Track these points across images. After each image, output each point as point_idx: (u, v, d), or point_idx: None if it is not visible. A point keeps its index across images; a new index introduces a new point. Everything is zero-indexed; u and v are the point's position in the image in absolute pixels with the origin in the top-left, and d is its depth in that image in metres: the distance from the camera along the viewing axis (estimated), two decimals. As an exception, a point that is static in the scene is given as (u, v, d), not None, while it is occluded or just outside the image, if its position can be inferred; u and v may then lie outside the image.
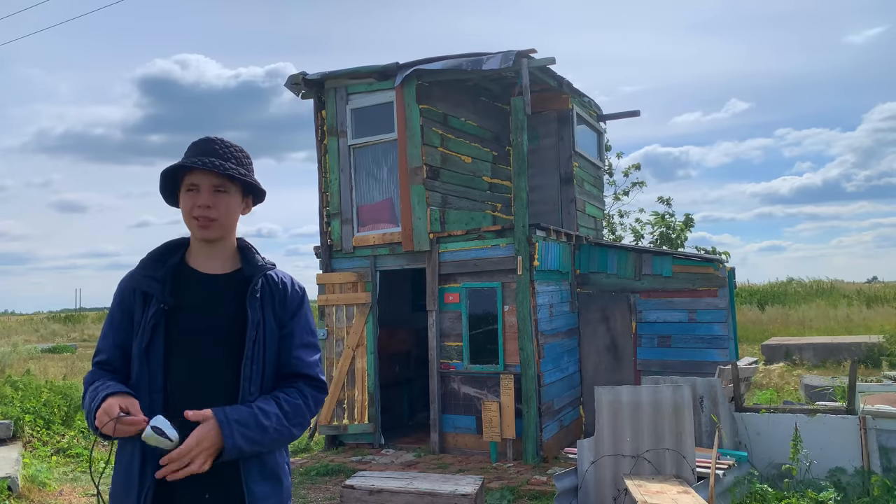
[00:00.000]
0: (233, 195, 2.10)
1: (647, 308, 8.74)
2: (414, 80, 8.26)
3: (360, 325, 8.52)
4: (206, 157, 2.05)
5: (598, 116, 11.21)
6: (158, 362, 2.01)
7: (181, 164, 2.04)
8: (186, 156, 2.09)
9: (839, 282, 30.47)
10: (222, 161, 2.06)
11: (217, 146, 2.09)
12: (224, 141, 2.13)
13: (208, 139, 2.11)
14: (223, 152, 2.09)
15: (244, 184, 2.13)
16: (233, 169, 2.06)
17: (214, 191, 2.06)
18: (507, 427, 7.69)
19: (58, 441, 8.63)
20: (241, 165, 2.12)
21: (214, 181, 2.05)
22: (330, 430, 8.57)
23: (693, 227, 19.25)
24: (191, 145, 2.12)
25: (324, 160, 8.91)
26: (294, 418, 2.04)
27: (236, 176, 2.06)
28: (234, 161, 2.10)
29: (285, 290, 2.17)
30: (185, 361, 2.02)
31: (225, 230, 2.12)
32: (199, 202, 2.04)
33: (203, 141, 2.11)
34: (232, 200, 2.10)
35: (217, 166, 2.03)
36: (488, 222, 9.09)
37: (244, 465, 2.00)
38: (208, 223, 2.06)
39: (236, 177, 2.06)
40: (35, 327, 35.75)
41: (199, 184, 2.05)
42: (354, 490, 5.14)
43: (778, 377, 12.33)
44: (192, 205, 2.05)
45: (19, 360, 18.29)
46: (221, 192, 2.07)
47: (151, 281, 2.07)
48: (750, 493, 5.24)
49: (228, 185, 2.08)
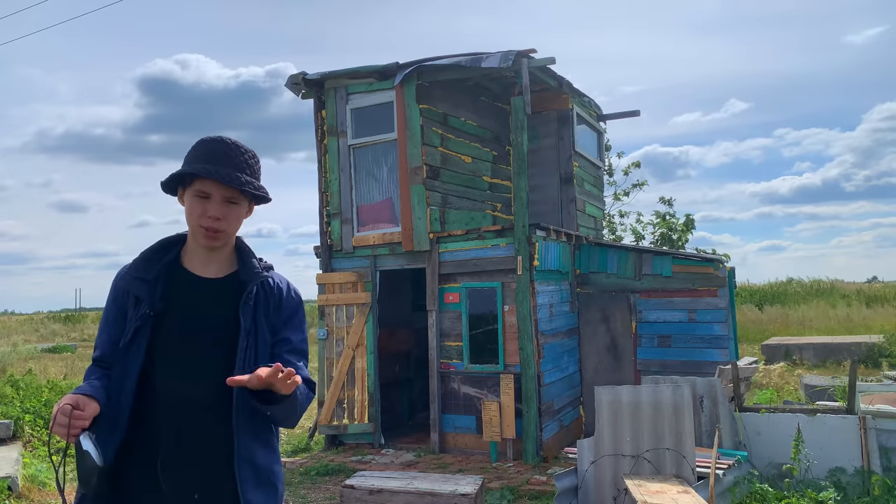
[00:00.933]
0: (242, 206, 2.06)
1: (647, 308, 8.74)
2: (414, 79, 8.26)
3: (360, 325, 8.53)
4: (220, 166, 1.98)
5: (598, 116, 11.21)
6: (135, 364, 1.98)
7: (197, 171, 1.97)
8: (195, 155, 2.02)
9: (839, 282, 30.48)
10: (238, 173, 2.00)
11: (231, 153, 2.02)
12: (237, 145, 2.05)
13: (221, 141, 2.04)
14: (237, 161, 2.02)
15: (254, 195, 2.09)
16: (248, 183, 2.01)
17: (225, 202, 2.01)
18: (507, 427, 7.69)
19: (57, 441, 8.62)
20: (253, 174, 2.06)
21: (227, 193, 2.00)
22: (330, 430, 8.57)
23: (694, 229, 19.26)
24: (200, 143, 2.05)
25: (324, 160, 8.91)
26: (306, 401, 2.06)
27: (250, 191, 2.01)
28: (248, 170, 2.03)
29: (280, 295, 2.14)
30: (175, 365, 1.99)
31: (228, 239, 2.10)
32: (209, 212, 1.99)
33: (214, 142, 2.03)
34: (241, 211, 2.07)
35: (234, 180, 1.97)
36: (488, 222, 9.09)
37: (239, 470, 1.98)
38: (216, 234, 2.03)
39: (250, 191, 2.02)
40: (35, 327, 35.75)
41: (210, 193, 1.99)
42: (354, 490, 5.14)
43: (778, 377, 12.33)
44: (201, 212, 2.00)
45: (19, 359, 18.29)
46: (233, 203, 2.02)
47: (141, 283, 2.04)
48: (750, 493, 5.25)
49: (240, 197, 2.03)
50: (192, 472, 1.97)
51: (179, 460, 1.96)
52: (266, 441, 2.08)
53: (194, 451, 1.97)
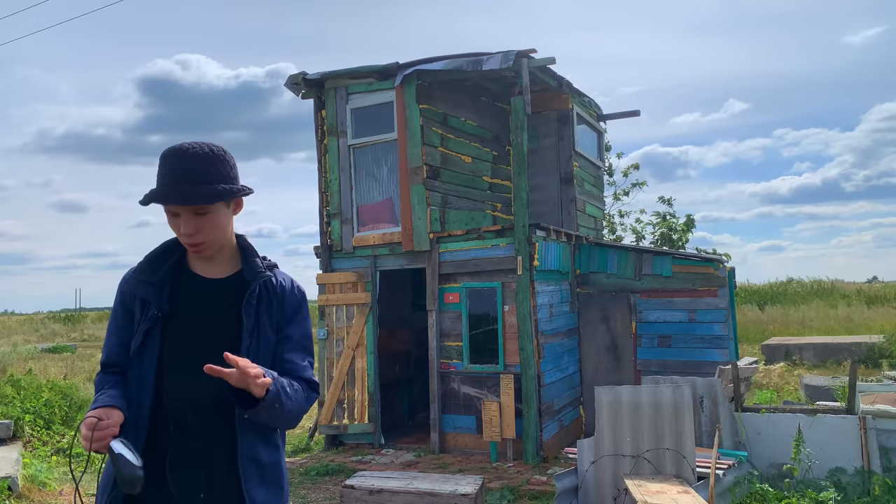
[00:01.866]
0: (217, 211, 2.01)
1: (647, 308, 8.73)
2: (414, 79, 8.26)
3: (360, 325, 8.53)
4: (177, 185, 1.93)
5: (598, 116, 11.21)
6: (151, 366, 1.99)
7: (154, 199, 1.95)
8: (158, 175, 1.98)
9: (839, 282, 30.49)
10: (195, 186, 1.93)
11: (189, 165, 1.95)
12: (196, 153, 1.97)
13: (179, 155, 1.97)
14: (196, 173, 1.95)
15: None
16: (208, 192, 1.94)
17: (195, 215, 1.98)
18: (507, 427, 7.69)
19: (58, 441, 8.63)
20: (217, 177, 1.98)
21: (192, 207, 1.96)
22: (330, 430, 8.57)
23: (695, 229, 19.24)
24: (161, 161, 1.99)
25: (324, 160, 8.91)
26: (304, 402, 2.05)
27: (213, 201, 1.96)
28: (208, 176, 1.96)
29: (283, 293, 2.13)
30: (180, 365, 2.00)
31: (218, 244, 2.08)
32: (183, 230, 1.99)
33: (173, 158, 1.97)
34: (218, 217, 2.01)
35: (189, 197, 1.93)
36: (488, 222, 9.09)
37: (243, 468, 1.98)
38: (198, 247, 2.03)
39: (213, 202, 1.97)
40: (35, 327, 35.75)
41: (178, 211, 1.98)
42: (354, 490, 5.14)
43: (778, 377, 12.33)
44: (177, 230, 2.02)
45: (19, 359, 18.29)
46: (203, 214, 1.98)
47: (147, 286, 2.05)
48: (750, 493, 5.24)
49: (208, 207, 1.98)
50: (198, 471, 1.98)
51: (185, 460, 1.97)
52: (269, 439, 2.07)
53: (199, 450, 1.98)
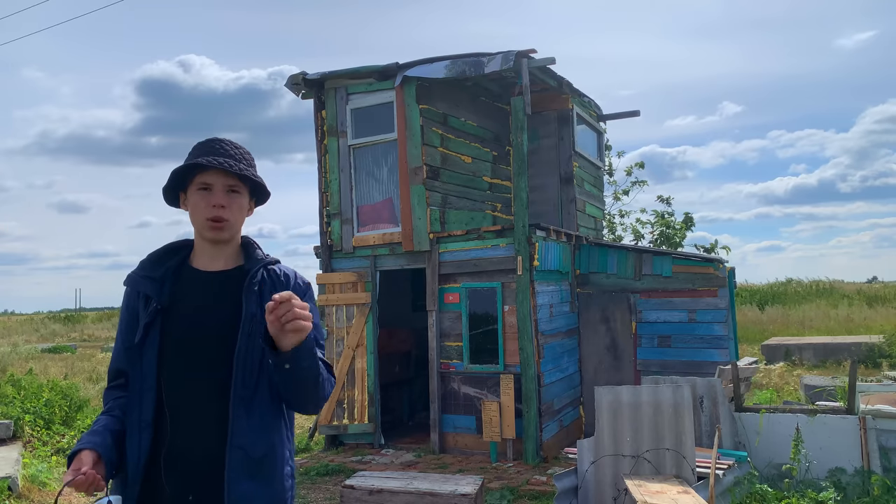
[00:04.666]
0: (243, 196, 2.10)
1: (647, 308, 8.74)
2: (414, 80, 8.26)
3: (360, 325, 8.53)
4: (219, 157, 2.03)
5: (597, 116, 11.22)
6: (151, 360, 1.99)
7: (198, 162, 2.01)
8: (193, 156, 2.06)
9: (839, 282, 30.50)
10: (235, 161, 2.05)
11: (227, 146, 2.08)
12: (232, 142, 2.12)
13: (217, 139, 2.10)
14: (234, 153, 2.08)
15: (252, 185, 2.12)
16: (246, 170, 2.06)
17: (228, 191, 2.05)
18: (507, 427, 7.69)
19: (58, 441, 8.63)
20: (251, 165, 2.12)
21: (228, 181, 2.05)
22: (330, 430, 8.57)
23: (693, 227, 19.24)
24: (197, 145, 2.10)
25: (324, 160, 8.91)
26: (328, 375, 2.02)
27: (251, 177, 2.07)
28: (245, 162, 2.09)
29: (287, 282, 2.13)
30: (181, 358, 1.99)
31: (234, 231, 2.11)
32: (213, 202, 2.03)
33: (211, 141, 2.09)
34: (243, 201, 2.10)
35: (233, 167, 2.02)
36: (488, 222, 9.09)
37: (229, 458, 1.93)
38: (222, 224, 2.05)
39: (251, 177, 2.07)
40: (35, 327, 35.76)
41: (212, 183, 2.03)
42: (354, 490, 5.14)
43: (778, 377, 12.33)
44: (205, 204, 2.03)
45: (19, 359, 18.30)
46: (234, 192, 2.06)
47: (148, 281, 2.07)
48: (750, 493, 5.25)
49: (240, 186, 2.07)
50: (189, 469, 1.95)
51: (179, 457, 1.95)
52: (270, 428, 2.01)
53: (193, 446, 1.95)
